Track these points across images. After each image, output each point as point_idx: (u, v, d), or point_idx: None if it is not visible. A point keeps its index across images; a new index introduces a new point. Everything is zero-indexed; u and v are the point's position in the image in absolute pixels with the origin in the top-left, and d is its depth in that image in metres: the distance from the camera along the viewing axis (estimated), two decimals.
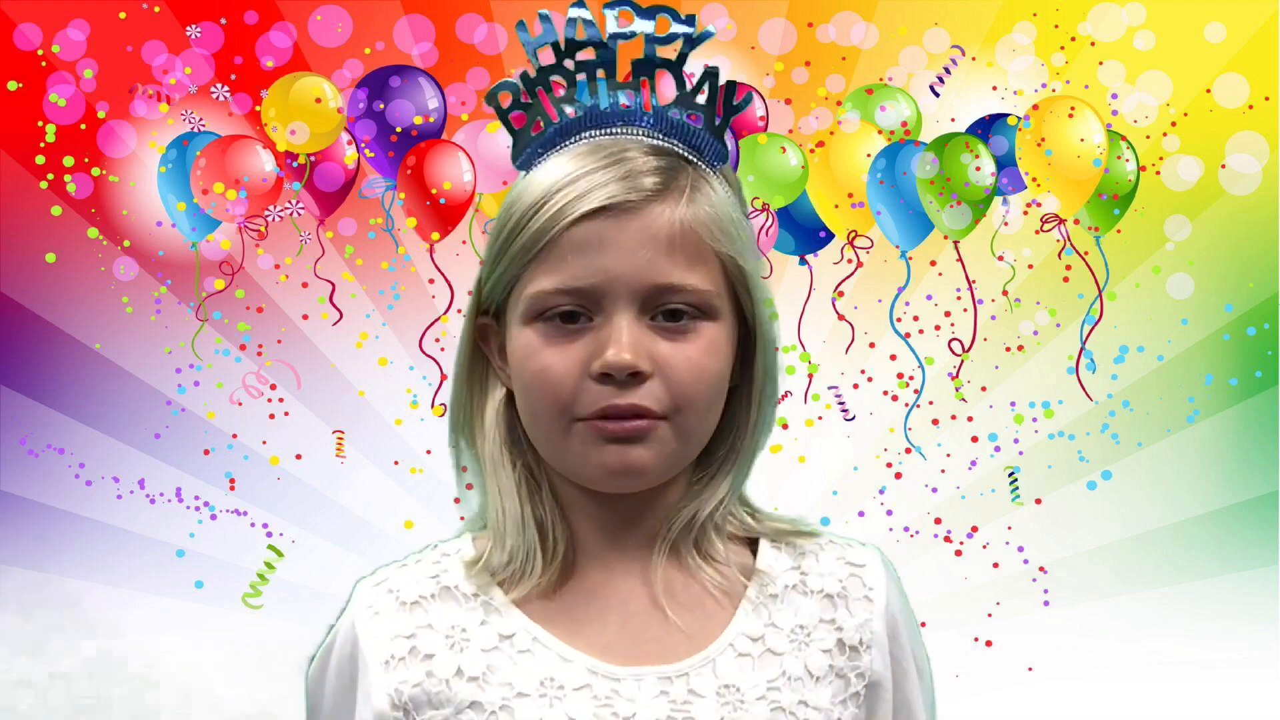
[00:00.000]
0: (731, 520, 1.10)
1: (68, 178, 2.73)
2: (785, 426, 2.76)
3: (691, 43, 1.05)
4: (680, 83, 1.06)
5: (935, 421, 2.79)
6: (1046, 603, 2.76)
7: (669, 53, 1.06)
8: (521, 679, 1.02)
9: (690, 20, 1.06)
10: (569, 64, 1.06)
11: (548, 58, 1.06)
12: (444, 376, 2.66)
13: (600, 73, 1.06)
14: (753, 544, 1.11)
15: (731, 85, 1.06)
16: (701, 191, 1.03)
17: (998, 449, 2.79)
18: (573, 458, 1.02)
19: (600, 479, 1.03)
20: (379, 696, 1.04)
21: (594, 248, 0.99)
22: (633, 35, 1.05)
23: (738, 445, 1.08)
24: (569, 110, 1.06)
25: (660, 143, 1.05)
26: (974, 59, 2.73)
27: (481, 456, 1.08)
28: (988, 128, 2.70)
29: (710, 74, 1.05)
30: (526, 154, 1.07)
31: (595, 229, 1.00)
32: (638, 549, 1.06)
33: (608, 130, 1.05)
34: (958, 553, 2.77)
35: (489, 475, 1.07)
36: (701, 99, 1.06)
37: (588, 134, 1.05)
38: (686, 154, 1.05)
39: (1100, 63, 2.70)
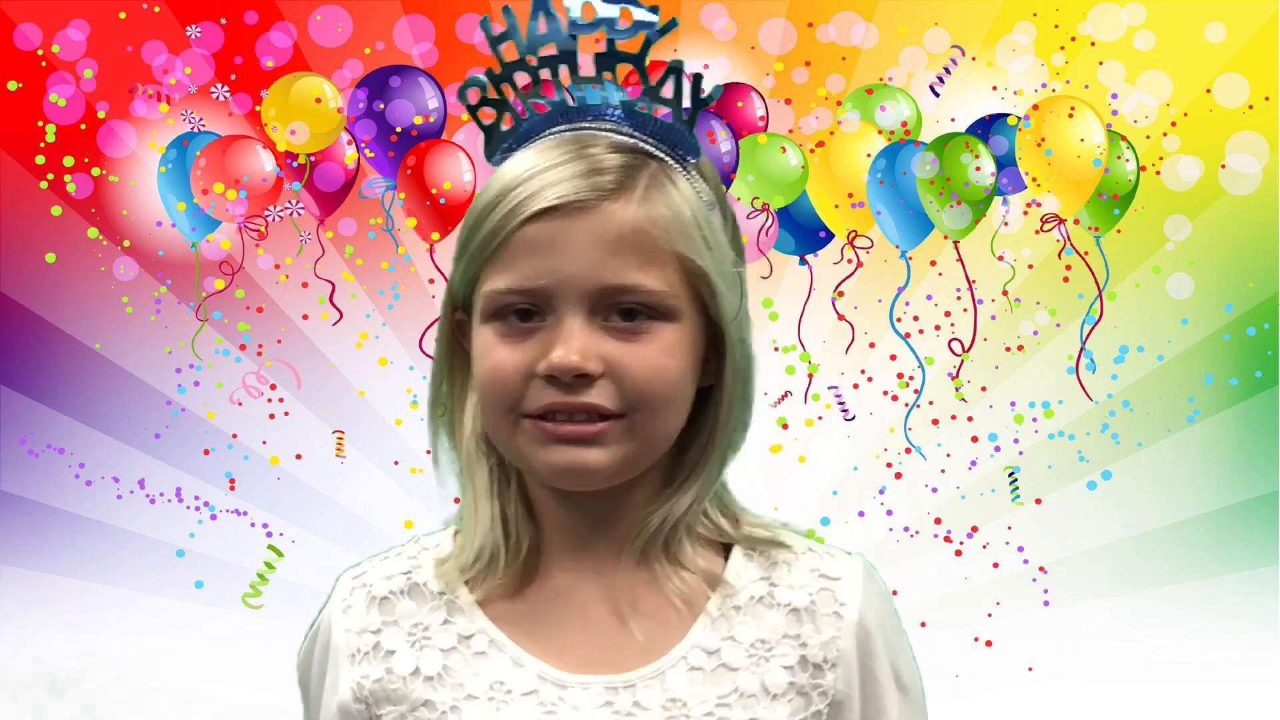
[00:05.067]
0: (707, 524, 1.07)
1: (68, 178, 2.73)
2: (785, 426, 2.78)
3: (656, 34, 1.03)
4: (644, 76, 1.03)
5: (935, 421, 2.79)
6: (1046, 603, 2.76)
7: (636, 45, 1.04)
8: (473, 682, 1.02)
9: (654, 10, 1.04)
10: (531, 60, 1.04)
11: (518, 54, 1.05)
12: None
13: (564, 68, 1.04)
14: (728, 550, 1.07)
15: (698, 78, 1.04)
16: (660, 190, 1.01)
17: (998, 449, 2.79)
18: (522, 454, 1.02)
19: (550, 476, 1.02)
20: (344, 688, 1.06)
21: (544, 248, 0.98)
22: (595, 28, 1.03)
23: (710, 448, 1.05)
24: (537, 106, 1.05)
25: (627, 138, 1.03)
26: (974, 59, 2.73)
27: (459, 452, 1.08)
28: (988, 128, 2.70)
29: (675, 68, 1.03)
30: (500, 150, 1.06)
31: (546, 229, 0.98)
32: (606, 553, 1.05)
33: (576, 125, 1.04)
34: (958, 553, 2.77)
35: (464, 471, 1.07)
36: (668, 93, 1.04)
37: (555, 129, 1.04)
38: (654, 149, 1.03)
39: (1100, 63, 2.70)
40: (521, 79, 1.05)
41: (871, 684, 1.05)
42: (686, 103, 1.04)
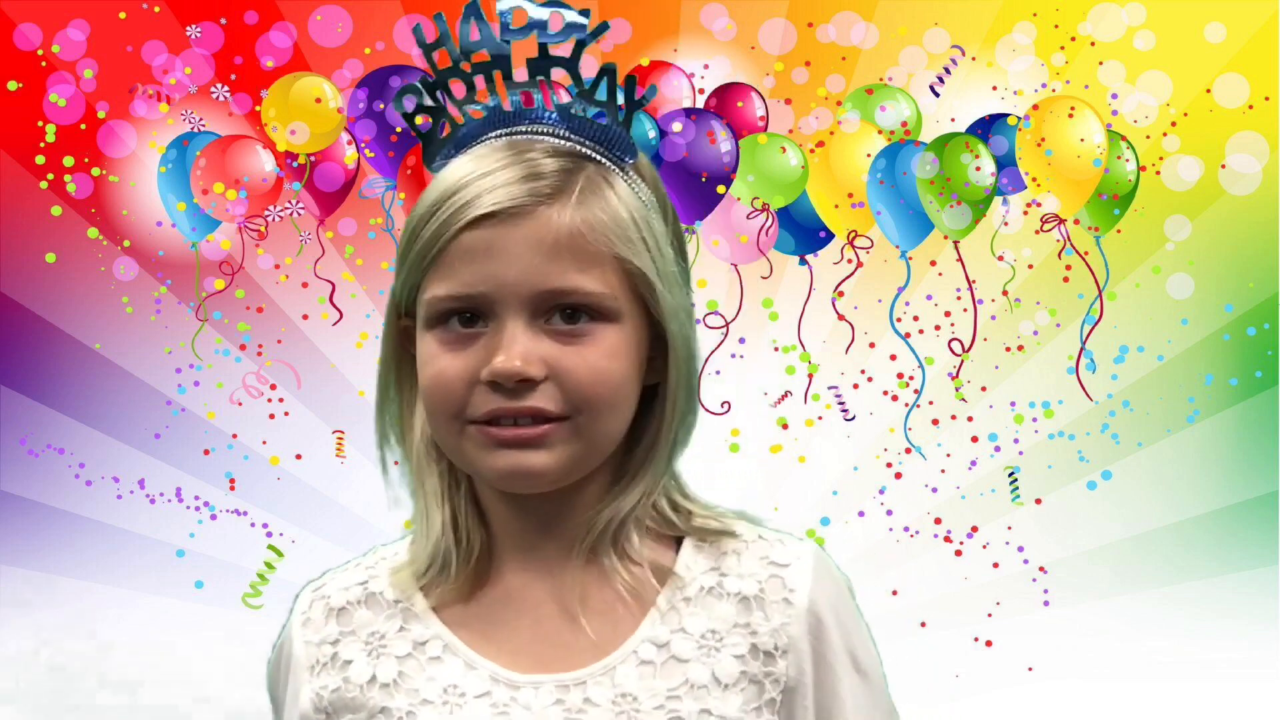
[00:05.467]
0: (657, 519, 1.07)
1: (68, 178, 2.73)
2: (785, 426, 2.78)
3: (589, 36, 1.03)
4: (578, 80, 1.04)
5: (935, 421, 2.80)
6: (1046, 603, 2.76)
7: (568, 49, 1.03)
8: (428, 687, 1.03)
9: (585, 14, 1.04)
10: (465, 66, 1.05)
11: (451, 61, 1.05)
12: None
13: (497, 74, 1.04)
14: (679, 543, 1.08)
15: (631, 80, 1.04)
16: (597, 192, 1.01)
17: (998, 449, 2.79)
18: (469, 460, 1.02)
19: (497, 480, 1.02)
20: (305, 699, 1.07)
21: (482, 255, 0.99)
22: (527, 32, 1.03)
23: (656, 445, 1.06)
24: (473, 112, 1.05)
25: (564, 141, 1.03)
26: (974, 59, 2.73)
27: (410, 459, 1.09)
28: (988, 128, 2.70)
29: (606, 70, 1.04)
30: (440, 156, 1.07)
31: (484, 236, 0.99)
32: (555, 552, 1.05)
33: (512, 130, 1.04)
34: (958, 553, 2.77)
35: (415, 478, 1.09)
36: (601, 95, 1.04)
37: (492, 134, 1.05)
38: (592, 152, 1.04)
39: (1100, 63, 2.70)
40: (457, 85, 1.05)
41: (824, 669, 1.05)
42: (621, 103, 1.05)
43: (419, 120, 1.06)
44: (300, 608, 1.11)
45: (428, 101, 1.06)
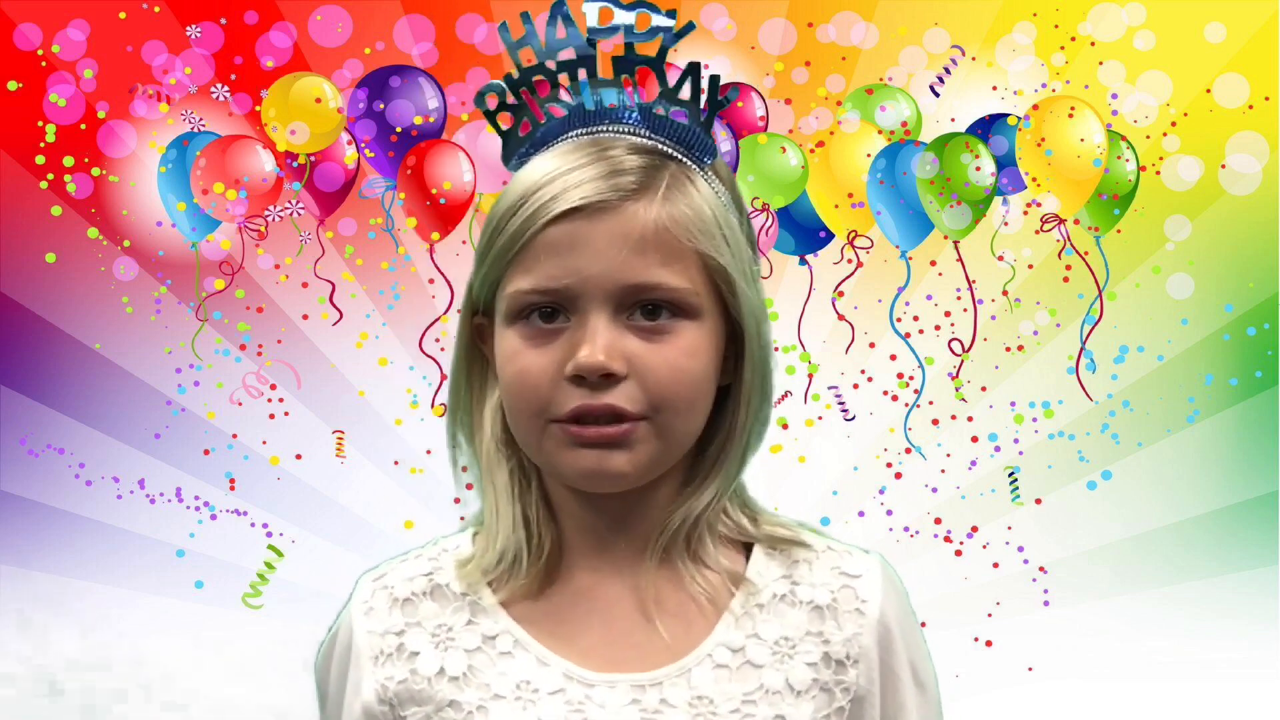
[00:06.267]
0: (727, 523, 1.08)
1: (68, 178, 2.73)
2: (785, 426, 2.78)
3: (673, 37, 1.04)
4: (662, 79, 1.05)
5: (935, 421, 2.80)
6: (1046, 603, 2.76)
7: (652, 49, 1.05)
8: (499, 681, 1.03)
9: (671, 15, 1.05)
10: (550, 64, 1.05)
11: (532, 58, 1.06)
12: (444, 376, 2.66)
13: (582, 72, 1.05)
14: (748, 549, 1.09)
15: (715, 79, 1.05)
16: (681, 189, 1.02)
17: (998, 449, 2.79)
18: (549, 458, 1.02)
19: (577, 480, 1.02)
20: (368, 690, 1.06)
21: (567, 248, 0.99)
22: (613, 32, 1.04)
23: (729, 445, 1.07)
24: (555, 110, 1.06)
25: (645, 140, 1.04)
26: (974, 59, 2.73)
27: (479, 455, 1.09)
28: (988, 128, 2.70)
29: (692, 69, 1.05)
30: (517, 155, 1.07)
31: (569, 230, 0.99)
32: (628, 552, 1.06)
33: (593, 129, 1.05)
34: (958, 553, 2.77)
35: (485, 474, 1.08)
36: (685, 94, 1.05)
37: (574, 133, 1.05)
38: (672, 151, 1.04)
39: (1100, 63, 2.70)
40: (539, 84, 1.06)
41: (891, 680, 1.07)
42: (703, 103, 1.05)
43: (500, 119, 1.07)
44: (361, 596, 1.10)
45: (510, 99, 1.06)
